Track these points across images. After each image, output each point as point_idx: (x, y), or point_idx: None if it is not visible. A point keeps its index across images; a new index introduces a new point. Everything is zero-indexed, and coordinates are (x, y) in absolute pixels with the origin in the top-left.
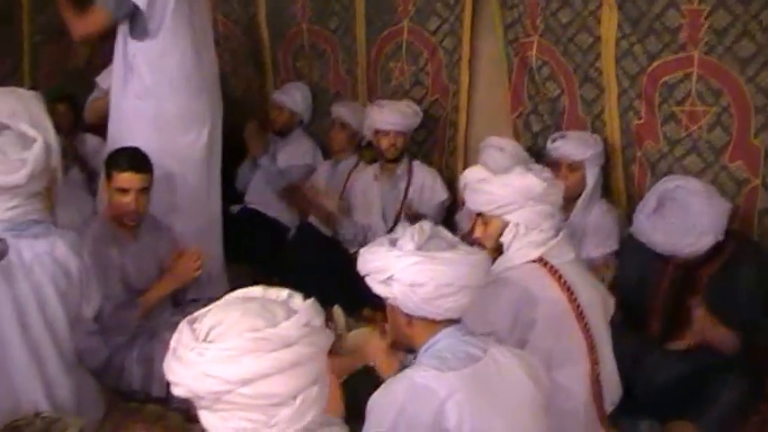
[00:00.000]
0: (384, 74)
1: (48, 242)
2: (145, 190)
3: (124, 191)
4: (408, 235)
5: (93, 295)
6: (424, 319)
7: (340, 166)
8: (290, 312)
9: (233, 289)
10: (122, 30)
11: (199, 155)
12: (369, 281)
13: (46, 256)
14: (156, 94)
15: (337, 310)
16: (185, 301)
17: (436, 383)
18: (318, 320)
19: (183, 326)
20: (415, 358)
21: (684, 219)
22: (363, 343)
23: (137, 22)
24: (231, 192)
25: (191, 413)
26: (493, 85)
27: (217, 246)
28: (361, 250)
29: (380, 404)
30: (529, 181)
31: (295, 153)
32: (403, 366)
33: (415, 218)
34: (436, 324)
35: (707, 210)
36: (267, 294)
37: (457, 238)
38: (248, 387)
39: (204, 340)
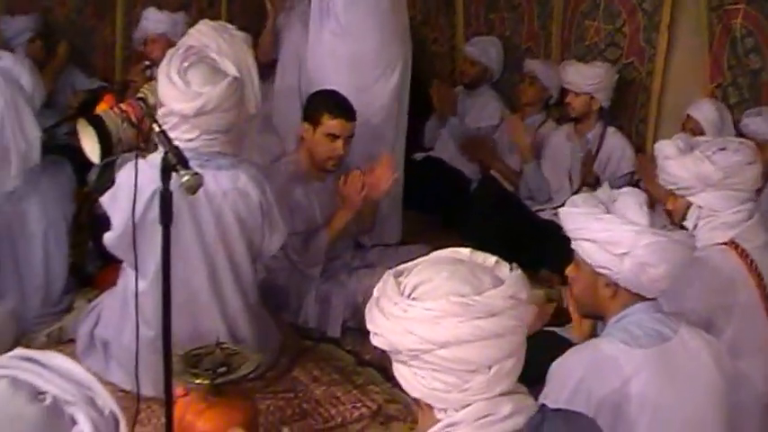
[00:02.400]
0: (579, 32)
1: (231, 175)
2: (351, 137)
3: (335, 137)
4: (634, 205)
5: (277, 230)
6: (629, 292)
7: (527, 122)
8: (497, 281)
9: (409, 235)
10: None
11: (388, 97)
12: (587, 246)
13: (229, 188)
14: (352, 33)
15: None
16: (366, 244)
17: (623, 359)
18: (524, 293)
19: (389, 277)
20: (603, 327)
21: None
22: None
23: None
24: (414, 140)
25: (362, 357)
26: (691, 52)
27: (396, 189)
28: (571, 210)
29: (561, 372)
30: (705, 168)
31: (483, 113)
32: (592, 335)
33: (595, 183)
34: (634, 297)
35: None
36: (474, 258)
37: None
38: (447, 350)
39: (409, 296)
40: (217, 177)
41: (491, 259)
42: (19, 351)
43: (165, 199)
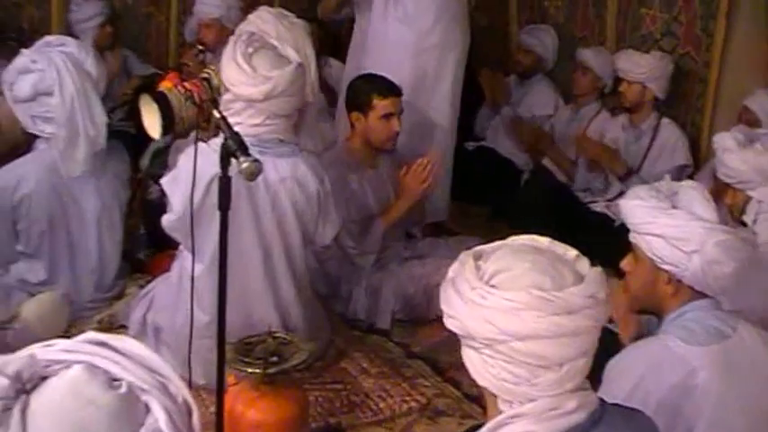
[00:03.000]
0: (634, 20)
1: (290, 163)
2: (400, 113)
3: (389, 116)
4: (701, 200)
5: (332, 220)
6: (691, 290)
7: (581, 112)
8: (578, 277)
9: (458, 226)
10: None
11: (448, 83)
12: (653, 241)
13: (288, 176)
14: (418, 20)
15: None
16: (416, 235)
17: (682, 357)
18: (603, 293)
19: (468, 258)
20: (658, 324)
21: None
22: None
23: None
24: (466, 129)
25: (412, 349)
26: (749, 41)
27: (445, 177)
28: (637, 203)
29: (620, 370)
30: (765, 161)
31: (537, 103)
32: (641, 334)
33: (627, 175)
34: (695, 294)
35: None
36: (554, 248)
37: None
38: (522, 343)
39: (488, 283)
40: (276, 165)
41: (571, 252)
42: (92, 335)
43: (224, 185)
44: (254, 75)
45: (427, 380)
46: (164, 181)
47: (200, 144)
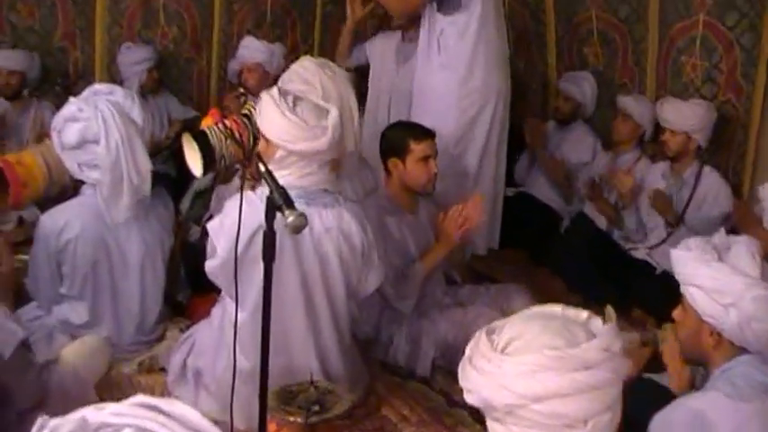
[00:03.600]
0: (675, 68)
1: (335, 213)
2: (436, 155)
3: (426, 158)
4: (747, 255)
5: (376, 269)
6: (732, 344)
7: (620, 159)
8: (590, 335)
9: (500, 272)
10: (429, 7)
11: (489, 128)
12: (694, 292)
13: (333, 227)
14: (461, 66)
15: (610, 311)
16: (457, 281)
17: (727, 414)
18: (618, 346)
19: (481, 335)
20: (706, 376)
21: None
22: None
23: None
24: (505, 175)
25: (452, 397)
26: None
27: (492, 223)
28: (683, 253)
29: (665, 424)
30: None
31: (577, 148)
32: (692, 385)
33: (676, 223)
34: (738, 348)
35: None
36: (566, 313)
37: None
38: (542, 404)
39: (502, 352)
40: (322, 215)
41: (583, 314)
42: (140, 398)
43: (269, 239)
44: (308, 128)
45: (468, 428)
46: (210, 226)
47: (248, 192)
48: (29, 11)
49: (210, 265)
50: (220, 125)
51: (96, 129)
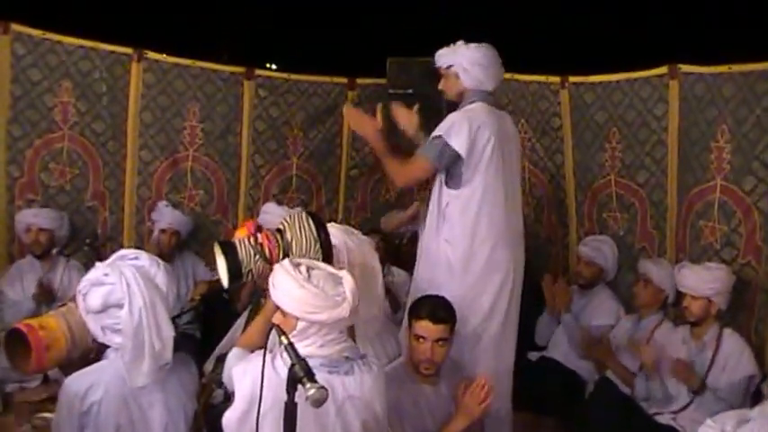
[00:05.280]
0: (694, 232)
1: (357, 380)
2: (442, 341)
3: (422, 338)
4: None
5: None
6: None
7: (643, 323)
8: None
9: None
10: (439, 177)
11: (497, 300)
12: None
13: (356, 395)
14: (465, 240)
15: None
16: None
17: None
18: None
19: None
20: None
21: None
22: None
23: (453, 171)
24: (527, 337)
25: None
26: None
27: (507, 389)
28: (703, 429)
29: None
30: None
31: (599, 312)
32: None
33: (701, 388)
34: None
35: None
36: None
37: None
38: None
39: None
40: (345, 383)
41: None
42: None
43: (290, 411)
44: (328, 297)
45: None
46: (235, 370)
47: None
48: (60, 171)
49: (228, 418)
50: (252, 239)
51: (120, 294)
